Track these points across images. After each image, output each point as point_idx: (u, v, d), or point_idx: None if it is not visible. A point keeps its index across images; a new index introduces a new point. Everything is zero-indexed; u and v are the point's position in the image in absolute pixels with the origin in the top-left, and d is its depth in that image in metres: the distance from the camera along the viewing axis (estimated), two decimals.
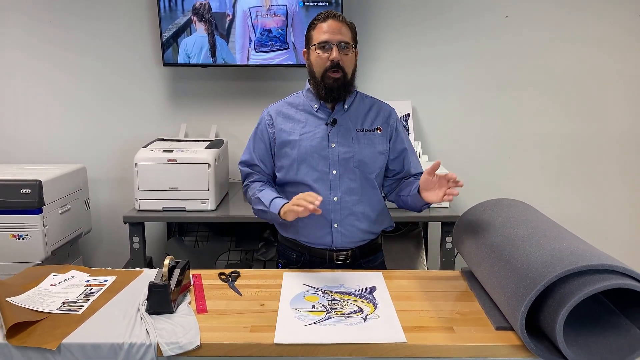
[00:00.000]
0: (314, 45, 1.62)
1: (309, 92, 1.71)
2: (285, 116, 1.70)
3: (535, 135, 2.93)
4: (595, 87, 2.89)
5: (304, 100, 1.72)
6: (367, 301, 1.38)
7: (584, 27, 2.82)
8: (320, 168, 1.65)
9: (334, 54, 1.59)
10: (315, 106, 1.68)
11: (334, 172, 1.65)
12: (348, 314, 1.31)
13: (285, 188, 1.72)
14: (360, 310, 1.33)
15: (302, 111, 1.70)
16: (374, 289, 1.47)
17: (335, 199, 1.66)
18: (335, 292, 1.44)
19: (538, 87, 2.89)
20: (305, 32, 1.67)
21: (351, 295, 1.42)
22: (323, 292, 1.44)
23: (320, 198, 1.45)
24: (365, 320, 1.27)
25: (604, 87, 2.89)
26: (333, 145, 1.65)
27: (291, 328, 1.23)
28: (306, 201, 1.46)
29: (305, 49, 1.69)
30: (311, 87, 1.69)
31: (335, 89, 1.62)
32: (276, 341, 1.18)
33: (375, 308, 1.34)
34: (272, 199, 1.62)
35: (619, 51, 2.85)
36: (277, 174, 1.74)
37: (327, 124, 1.66)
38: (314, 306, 1.35)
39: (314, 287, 1.47)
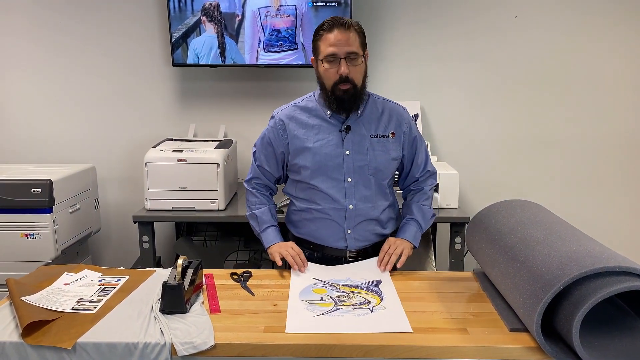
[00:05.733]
0: (321, 59, 1.56)
1: (321, 98, 1.66)
2: (298, 122, 1.66)
3: (545, 135, 2.91)
4: (606, 88, 2.86)
5: (316, 105, 1.67)
6: (373, 293, 1.43)
7: (595, 27, 2.80)
8: (335, 176, 1.63)
9: (342, 68, 1.53)
10: (328, 112, 1.64)
11: (349, 180, 1.64)
12: (355, 305, 1.35)
13: (300, 194, 1.71)
14: (367, 302, 1.37)
15: (315, 117, 1.65)
16: (379, 282, 1.51)
17: (351, 207, 1.65)
18: (342, 285, 1.49)
19: (547, 87, 2.87)
20: (312, 40, 1.61)
21: (358, 287, 1.47)
22: (330, 285, 1.49)
23: (306, 266, 1.59)
24: (372, 311, 1.32)
25: (615, 87, 2.86)
26: (348, 152, 1.63)
27: (301, 318, 1.27)
28: (296, 263, 1.58)
29: (313, 57, 1.63)
30: (322, 96, 1.64)
31: (346, 100, 1.58)
32: (287, 330, 1.21)
33: (381, 300, 1.39)
34: (266, 228, 1.71)
35: (630, 53, 2.83)
36: (289, 176, 1.74)
37: (340, 131, 1.63)
38: (322, 298, 1.40)
39: (322, 280, 1.52)
